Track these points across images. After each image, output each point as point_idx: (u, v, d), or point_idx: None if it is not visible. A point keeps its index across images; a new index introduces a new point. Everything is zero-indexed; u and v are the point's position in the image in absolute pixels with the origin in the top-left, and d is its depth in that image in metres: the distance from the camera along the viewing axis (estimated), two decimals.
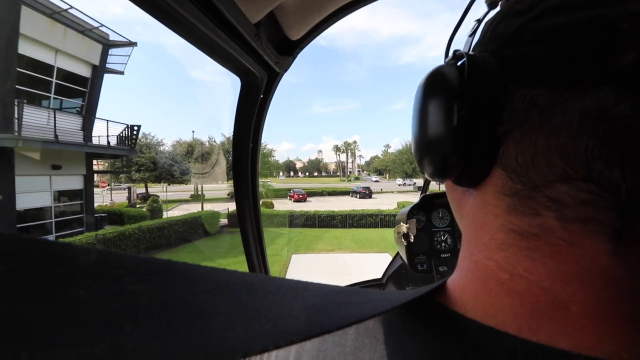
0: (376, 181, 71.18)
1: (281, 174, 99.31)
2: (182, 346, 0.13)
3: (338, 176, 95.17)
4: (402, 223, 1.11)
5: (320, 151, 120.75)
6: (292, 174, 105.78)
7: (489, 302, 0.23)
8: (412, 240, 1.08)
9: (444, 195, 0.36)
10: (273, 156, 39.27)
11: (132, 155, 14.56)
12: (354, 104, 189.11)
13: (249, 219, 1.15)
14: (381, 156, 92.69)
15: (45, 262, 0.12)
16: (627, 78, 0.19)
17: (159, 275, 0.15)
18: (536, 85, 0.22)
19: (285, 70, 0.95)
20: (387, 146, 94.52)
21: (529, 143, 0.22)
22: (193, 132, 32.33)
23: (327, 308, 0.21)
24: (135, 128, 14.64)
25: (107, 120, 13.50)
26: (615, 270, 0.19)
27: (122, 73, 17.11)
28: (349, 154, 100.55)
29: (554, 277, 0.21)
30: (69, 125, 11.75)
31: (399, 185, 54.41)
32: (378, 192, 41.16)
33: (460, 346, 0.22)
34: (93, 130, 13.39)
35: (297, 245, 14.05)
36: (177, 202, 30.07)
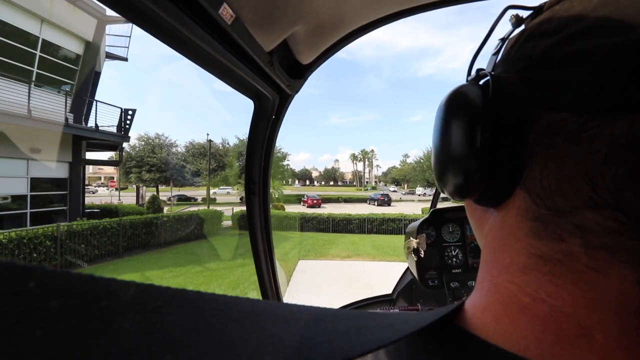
0: (394, 191, 68.52)
1: (297, 182, 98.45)
2: None
3: (354, 186, 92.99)
4: (411, 238, 1.10)
5: (336, 160, 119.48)
6: (307, 182, 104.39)
7: (510, 327, 0.22)
8: (422, 256, 1.07)
9: (454, 209, 0.35)
10: (287, 160, 37.58)
11: (124, 142, 12.92)
12: (372, 116, 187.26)
13: (260, 238, 1.16)
14: (399, 166, 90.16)
15: (91, 296, 0.13)
16: None
17: (191, 306, 0.16)
18: (563, 110, 0.21)
19: (297, 92, 0.99)
20: (406, 156, 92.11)
21: (555, 168, 0.21)
22: (208, 134, 30.92)
23: (347, 334, 0.21)
24: (130, 112, 13.16)
25: (95, 101, 11.95)
26: None
27: (125, 59, 15.89)
28: (366, 162, 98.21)
29: (578, 304, 0.20)
30: (52, 105, 10.20)
31: (419, 195, 51.41)
32: (397, 201, 38.85)
33: None
34: (89, 116, 12.01)
35: (306, 250, 11.95)
36: (186, 205, 28.61)
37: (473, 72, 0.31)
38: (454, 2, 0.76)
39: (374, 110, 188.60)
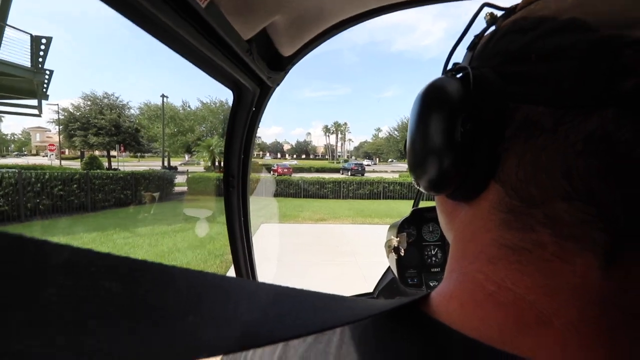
0: (367, 165, 67.90)
1: (267, 154, 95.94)
2: (145, 345, 0.14)
3: (327, 159, 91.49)
4: (392, 237, 1.09)
5: (309, 133, 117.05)
6: (279, 155, 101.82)
7: (474, 314, 0.23)
8: (402, 254, 1.06)
9: (435, 209, 0.36)
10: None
11: (38, 79, 9.98)
12: (344, 90, 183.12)
13: (238, 230, 1.15)
14: (371, 141, 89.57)
15: (14, 256, 0.12)
16: (628, 103, 0.19)
17: (133, 275, 0.15)
18: (540, 103, 0.22)
19: (278, 85, 0.97)
20: (378, 130, 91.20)
21: (532, 159, 0.22)
22: (164, 96, 27.23)
23: (302, 313, 0.21)
24: (44, 41, 10.19)
25: None
26: (604, 288, 0.20)
27: None
28: (339, 136, 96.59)
29: (540, 291, 0.21)
30: None
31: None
32: (370, 172, 37.77)
33: (442, 357, 0.23)
34: None
35: (271, 212, 10.05)
36: None
37: (449, 66, 0.31)
38: (438, 0, 0.78)
39: (347, 84, 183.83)
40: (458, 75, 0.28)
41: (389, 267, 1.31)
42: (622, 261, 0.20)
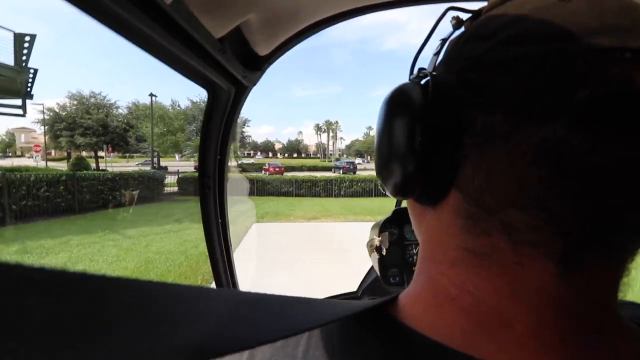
0: (359, 163, 68.28)
1: (259, 153, 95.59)
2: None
3: (318, 158, 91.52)
4: (374, 236, 1.08)
5: (300, 132, 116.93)
6: (270, 154, 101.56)
7: (437, 317, 0.24)
8: (384, 254, 1.05)
9: None
10: (247, 126, 34.76)
11: (21, 77, 9.73)
12: (335, 88, 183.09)
13: (215, 234, 1.12)
14: (362, 139, 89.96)
15: None
16: (580, 114, 0.19)
17: (66, 288, 0.14)
18: (496, 112, 0.22)
19: (254, 84, 0.95)
20: (370, 128, 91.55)
21: (487, 168, 0.22)
22: (152, 95, 26.65)
23: (267, 319, 0.21)
24: (27, 38, 9.93)
25: None
26: (560, 293, 0.21)
27: None
28: (330, 134, 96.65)
29: (500, 296, 0.22)
30: None
31: None
32: (362, 170, 37.97)
33: (404, 359, 0.24)
34: None
35: (262, 211, 10.02)
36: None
37: (415, 71, 0.31)
38: (416, 2, 0.78)
39: (338, 82, 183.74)
40: (422, 82, 0.28)
41: (372, 267, 1.30)
42: (583, 267, 0.21)
